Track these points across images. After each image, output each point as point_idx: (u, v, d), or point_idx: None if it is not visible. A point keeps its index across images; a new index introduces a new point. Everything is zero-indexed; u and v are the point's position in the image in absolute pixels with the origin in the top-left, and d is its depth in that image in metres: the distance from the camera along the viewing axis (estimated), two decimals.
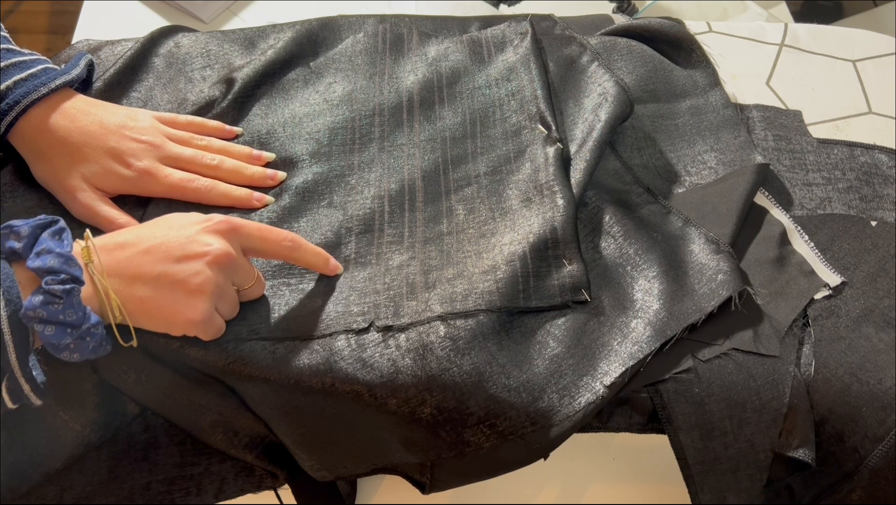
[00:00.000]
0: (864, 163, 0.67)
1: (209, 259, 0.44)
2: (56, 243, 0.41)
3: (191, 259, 0.44)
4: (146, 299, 0.43)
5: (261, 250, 0.48)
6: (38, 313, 0.39)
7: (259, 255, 0.49)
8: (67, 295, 0.39)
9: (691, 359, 0.51)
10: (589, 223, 0.57)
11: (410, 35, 0.67)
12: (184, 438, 0.51)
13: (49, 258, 0.40)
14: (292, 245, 0.48)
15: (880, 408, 0.51)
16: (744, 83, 0.72)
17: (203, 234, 0.45)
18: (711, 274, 0.53)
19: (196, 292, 0.44)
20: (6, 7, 1.59)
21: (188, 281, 0.43)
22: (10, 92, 0.50)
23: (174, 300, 0.43)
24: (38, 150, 0.52)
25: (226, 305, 0.47)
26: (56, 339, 0.40)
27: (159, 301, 0.43)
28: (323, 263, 0.51)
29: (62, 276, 0.40)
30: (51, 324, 0.39)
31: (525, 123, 0.61)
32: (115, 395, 0.50)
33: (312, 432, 0.49)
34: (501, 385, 0.48)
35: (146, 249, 0.43)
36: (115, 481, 0.50)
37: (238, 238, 0.46)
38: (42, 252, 0.40)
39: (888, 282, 0.58)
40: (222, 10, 0.84)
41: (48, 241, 0.41)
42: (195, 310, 0.44)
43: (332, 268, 0.52)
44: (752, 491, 0.51)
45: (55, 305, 0.39)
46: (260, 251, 0.48)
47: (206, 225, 0.45)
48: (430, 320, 0.49)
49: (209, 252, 0.44)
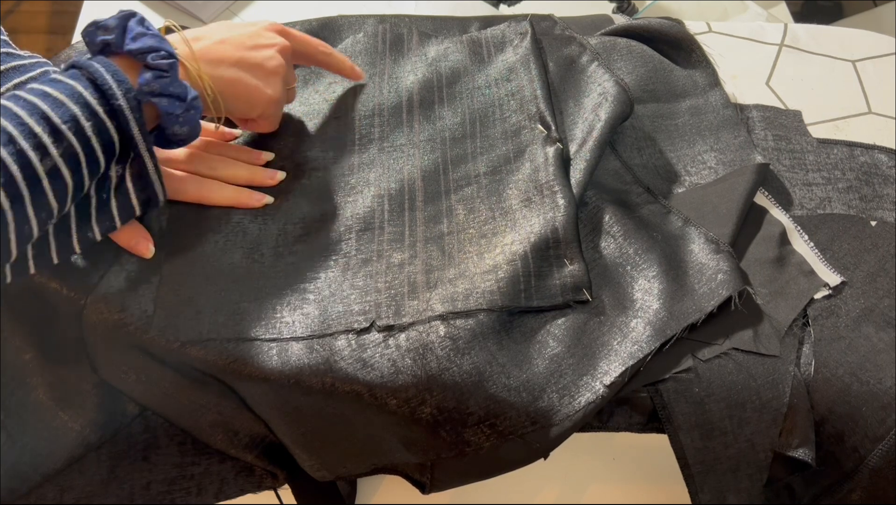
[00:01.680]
0: (864, 163, 0.67)
1: (278, 48, 0.53)
2: (146, 28, 0.45)
3: (262, 48, 0.52)
4: (233, 80, 0.50)
5: (301, 52, 0.57)
6: (153, 87, 0.43)
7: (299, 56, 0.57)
8: (171, 69, 0.44)
9: (691, 358, 0.51)
10: (589, 223, 0.57)
11: (410, 35, 0.67)
12: (184, 438, 0.51)
13: (146, 39, 0.44)
14: (326, 51, 0.58)
15: (880, 407, 0.51)
16: (744, 83, 0.72)
17: (264, 31, 0.53)
18: (711, 274, 0.53)
19: (272, 73, 0.52)
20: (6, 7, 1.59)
21: (265, 64, 0.51)
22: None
23: (256, 80, 0.51)
24: None
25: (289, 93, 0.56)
26: (171, 108, 0.44)
27: (245, 80, 0.50)
28: (349, 69, 0.60)
29: (162, 52, 0.44)
30: (164, 96, 0.44)
31: (525, 123, 0.61)
32: (115, 395, 0.50)
33: (312, 432, 0.49)
34: (501, 385, 0.48)
35: (221, 40, 0.50)
36: (115, 481, 0.50)
37: (287, 37, 0.55)
38: (137, 36, 0.44)
39: (888, 282, 0.58)
40: (222, 10, 0.84)
41: (138, 28, 0.44)
42: (274, 88, 0.52)
43: (358, 73, 0.61)
44: (752, 491, 0.51)
45: (164, 78, 0.44)
46: (301, 52, 0.57)
47: (264, 25, 0.54)
48: (431, 320, 0.49)
49: (277, 43, 0.53)
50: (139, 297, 0.48)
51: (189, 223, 0.53)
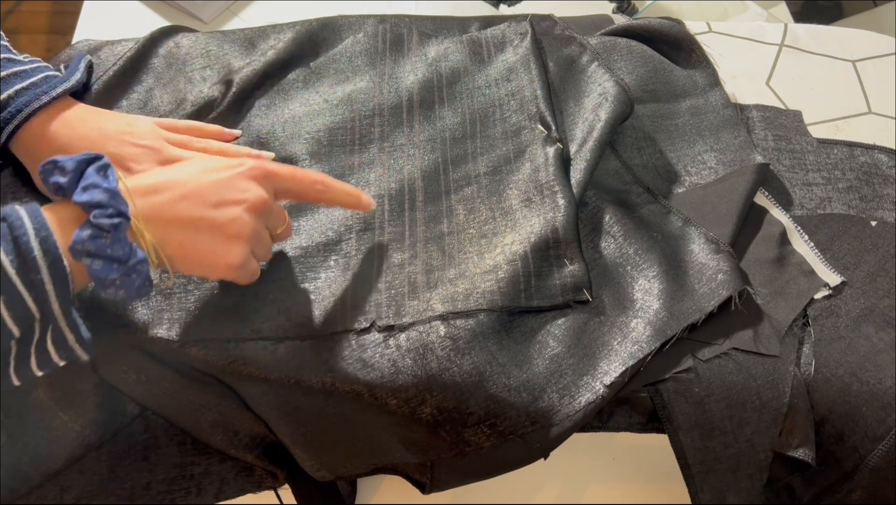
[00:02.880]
0: (864, 163, 0.67)
1: (247, 205, 0.45)
2: (102, 178, 0.41)
3: (228, 205, 0.44)
4: (185, 243, 0.43)
5: (293, 193, 0.49)
6: (87, 247, 0.39)
7: (291, 197, 0.50)
8: (115, 229, 0.40)
9: (691, 358, 0.51)
10: (589, 223, 0.57)
11: (410, 35, 0.67)
12: (184, 438, 0.51)
13: (96, 193, 0.40)
14: (323, 188, 0.49)
15: (880, 407, 0.51)
16: (744, 83, 0.72)
17: (239, 180, 0.45)
18: (711, 274, 0.53)
19: (234, 237, 0.44)
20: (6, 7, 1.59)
21: (227, 226, 0.44)
22: (12, 101, 0.50)
23: (213, 245, 0.44)
24: (38, 159, 0.52)
25: (261, 249, 0.48)
26: (104, 273, 0.40)
27: (198, 246, 0.43)
28: (355, 201, 0.51)
29: (110, 210, 0.40)
30: (98, 258, 0.39)
31: (525, 123, 0.61)
32: (115, 395, 0.50)
33: (312, 432, 0.49)
34: (501, 385, 0.48)
35: (182, 195, 0.43)
36: (115, 481, 0.50)
37: (272, 182, 0.47)
38: (89, 186, 0.40)
39: (888, 282, 0.58)
40: (222, 10, 0.84)
41: (94, 176, 0.41)
42: (234, 255, 0.45)
43: (366, 204, 0.52)
44: (752, 491, 0.51)
45: (103, 238, 0.39)
46: (292, 194, 0.49)
47: (240, 170, 0.46)
48: (431, 320, 0.49)
49: (247, 199, 0.45)
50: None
51: None
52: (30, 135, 0.51)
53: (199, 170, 0.45)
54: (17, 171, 0.55)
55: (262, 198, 0.45)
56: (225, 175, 0.45)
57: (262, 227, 0.47)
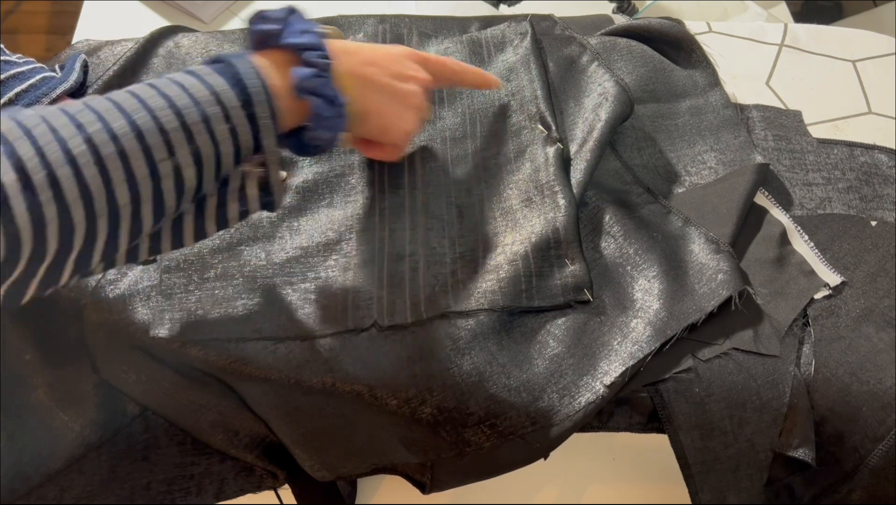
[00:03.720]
0: (864, 163, 0.67)
1: (420, 83, 0.51)
2: (310, 24, 0.44)
3: (408, 79, 0.50)
4: (376, 102, 0.48)
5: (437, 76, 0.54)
6: (309, 84, 0.42)
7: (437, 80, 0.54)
8: (327, 70, 0.43)
9: (691, 358, 0.51)
10: (589, 223, 0.57)
11: (410, 35, 0.67)
12: (184, 438, 0.51)
13: (308, 36, 0.43)
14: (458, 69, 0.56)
15: (880, 407, 0.51)
16: (744, 83, 0.72)
17: (408, 60, 0.51)
18: (711, 274, 0.53)
19: (413, 108, 0.51)
20: (6, 7, 1.59)
21: (407, 97, 0.50)
22: (13, 104, 0.50)
23: (397, 110, 0.50)
24: None
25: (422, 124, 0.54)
26: (321, 110, 0.43)
27: (386, 107, 0.49)
28: (482, 79, 0.58)
29: (322, 52, 0.43)
30: (317, 96, 0.43)
31: (525, 123, 0.61)
32: (115, 395, 0.50)
33: (312, 432, 0.49)
34: (502, 385, 0.48)
35: (370, 60, 0.48)
36: (115, 481, 0.50)
37: (426, 65, 0.53)
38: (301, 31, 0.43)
39: (888, 282, 0.58)
40: (222, 10, 0.84)
41: (301, 24, 0.43)
42: (412, 122, 0.51)
43: (494, 81, 0.59)
44: (752, 491, 0.51)
45: (322, 77, 0.42)
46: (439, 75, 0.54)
47: (404, 51, 0.52)
48: (432, 319, 0.49)
49: (419, 77, 0.51)
50: (140, 297, 0.48)
51: None
52: None
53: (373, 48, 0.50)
54: None
55: (427, 78, 0.52)
56: (395, 52, 0.51)
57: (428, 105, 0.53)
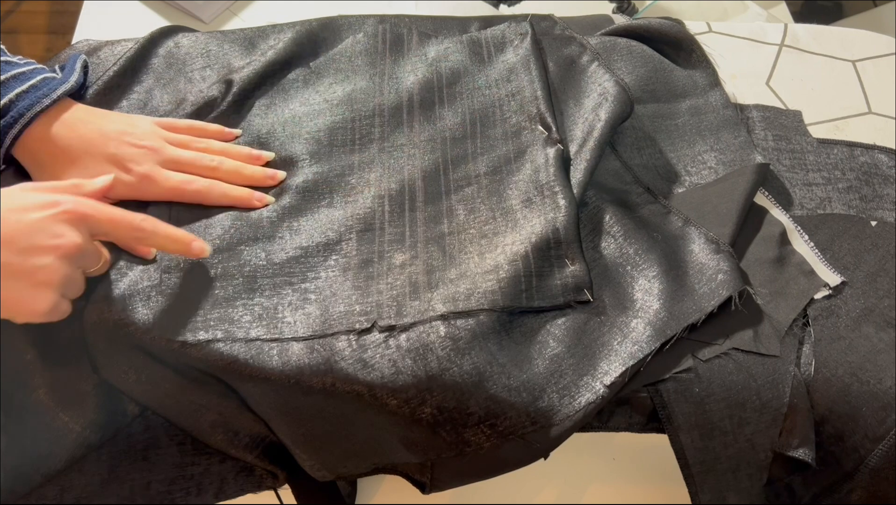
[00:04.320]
0: (864, 163, 0.67)
1: (59, 253, 0.42)
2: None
3: (38, 252, 0.41)
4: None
5: (111, 236, 0.47)
6: None
7: (109, 238, 0.47)
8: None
9: (691, 358, 0.51)
10: (589, 223, 0.57)
11: (410, 35, 0.67)
12: (184, 438, 0.51)
13: None
14: (144, 235, 0.47)
15: (880, 407, 0.51)
16: (744, 83, 0.72)
17: (52, 224, 0.42)
18: (711, 274, 0.53)
19: (43, 285, 0.42)
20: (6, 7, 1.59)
21: (35, 274, 0.41)
22: (13, 105, 0.50)
23: (18, 291, 0.41)
24: (39, 161, 0.52)
25: (73, 291, 0.45)
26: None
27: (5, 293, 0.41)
28: (184, 249, 0.48)
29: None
30: None
31: (525, 124, 0.61)
32: (115, 395, 0.50)
33: (312, 432, 0.49)
34: (502, 385, 0.48)
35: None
36: (115, 481, 0.50)
37: (87, 225, 0.44)
38: None
39: (888, 282, 0.58)
40: (222, 10, 0.84)
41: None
42: (41, 302, 0.42)
43: (197, 251, 0.49)
44: (752, 491, 0.51)
45: None
46: (111, 237, 0.47)
47: (54, 212, 0.43)
48: (432, 320, 0.49)
49: (59, 245, 0.42)
50: (140, 297, 0.48)
51: (189, 223, 0.53)
52: (31, 139, 0.51)
53: (10, 209, 0.42)
54: (17, 171, 0.55)
55: (75, 243, 0.43)
56: (37, 216, 0.42)
57: (74, 271, 0.44)
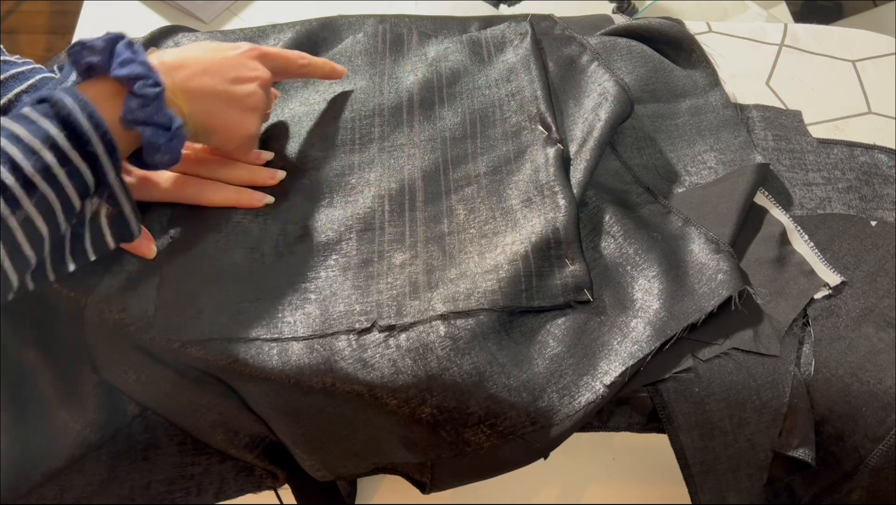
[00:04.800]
0: (864, 163, 0.67)
1: (259, 82, 0.51)
2: (134, 53, 0.43)
3: (246, 81, 0.50)
4: (213, 113, 0.49)
5: (282, 69, 0.55)
6: (137, 115, 0.42)
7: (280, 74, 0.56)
8: (157, 98, 0.43)
9: (691, 358, 0.51)
10: (589, 223, 0.57)
11: (410, 35, 0.67)
12: (184, 438, 0.51)
13: (134, 66, 0.43)
14: (304, 62, 0.57)
15: (880, 407, 0.51)
16: (743, 83, 0.72)
17: (246, 59, 0.51)
18: (711, 273, 0.53)
19: (252, 109, 0.51)
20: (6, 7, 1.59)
21: (246, 99, 0.50)
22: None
23: (235, 115, 0.50)
24: None
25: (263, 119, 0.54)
26: (154, 138, 0.43)
27: (223, 115, 0.49)
28: (330, 70, 0.59)
29: (150, 80, 0.43)
30: (148, 125, 0.43)
31: (525, 124, 0.61)
32: (115, 395, 0.50)
33: (312, 432, 0.49)
34: (501, 385, 0.48)
35: (204, 69, 0.48)
36: (115, 481, 0.50)
37: (267, 61, 0.53)
38: (125, 61, 0.43)
39: (888, 282, 0.58)
40: (222, 10, 0.84)
41: (127, 52, 0.43)
42: (253, 124, 0.51)
43: (340, 71, 0.59)
44: (752, 490, 0.51)
45: (150, 107, 0.43)
46: (281, 70, 0.55)
47: (244, 50, 0.52)
48: (432, 320, 0.49)
49: (259, 76, 0.51)
50: (140, 297, 0.48)
51: (189, 223, 0.53)
52: None
53: (209, 49, 0.50)
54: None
55: (269, 76, 0.52)
56: (233, 55, 0.51)
57: (268, 101, 0.53)
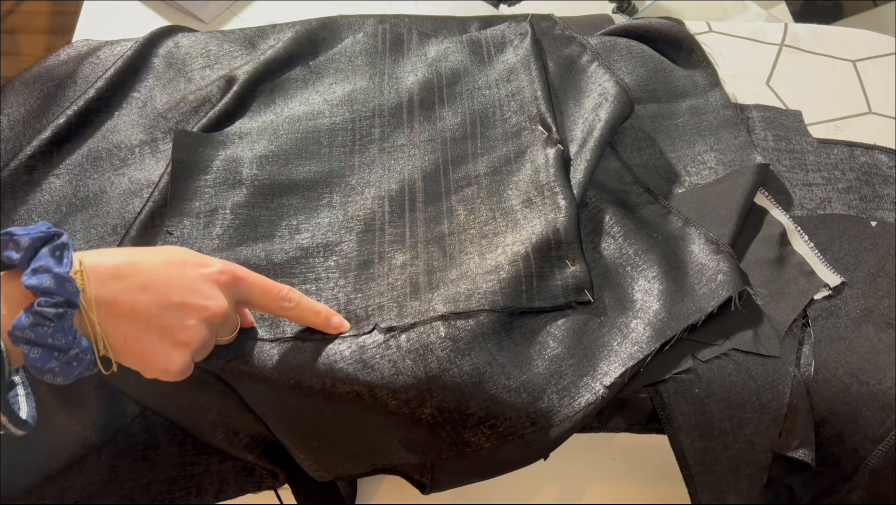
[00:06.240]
0: (864, 163, 0.67)
1: (206, 315, 0.42)
2: (55, 262, 0.38)
3: (187, 309, 0.41)
4: (130, 338, 0.40)
5: (257, 304, 0.46)
6: (26, 334, 0.37)
7: (254, 308, 0.46)
8: (59, 319, 0.37)
9: (691, 359, 0.51)
10: (589, 223, 0.57)
11: (410, 35, 0.67)
12: (184, 438, 0.51)
13: (45, 278, 0.37)
14: (291, 305, 0.46)
15: (880, 408, 0.51)
16: (744, 83, 0.72)
17: (206, 283, 0.42)
18: (711, 274, 0.53)
19: (182, 345, 0.41)
20: (6, 7, 1.59)
21: (178, 332, 0.41)
22: None
23: (157, 347, 0.41)
24: None
25: (201, 355, 0.44)
26: (41, 362, 0.37)
27: (142, 344, 0.41)
28: (324, 323, 0.48)
29: (56, 298, 0.37)
30: (37, 346, 0.37)
31: (525, 124, 0.61)
32: (115, 395, 0.50)
33: (312, 432, 0.49)
34: (501, 385, 0.48)
35: (143, 285, 0.40)
36: (115, 481, 0.50)
37: (237, 291, 0.44)
38: (39, 270, 0.37)
39: (888, 282, 0.58)
40: (222, 10, 0.84)
41: (47, 259, 0.38)
42: (175, 362, 0.41)
43: (336, 326, 0.48)
44: (752, 491, 0.51)
45: (45, 327, 0.37)
46: (256, 305, 0.46)
47: (209, 272, 0.43)
48: (433, 320, 0.49)
49: (208, 307, 0.42)
50: None
51: (189, 222, 0.53)
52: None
53: (167, 261, 0.42)
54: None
55: (223, 308, 0.43)
56: (192, 274, 0.42)
57: (212, 337, 0.43)
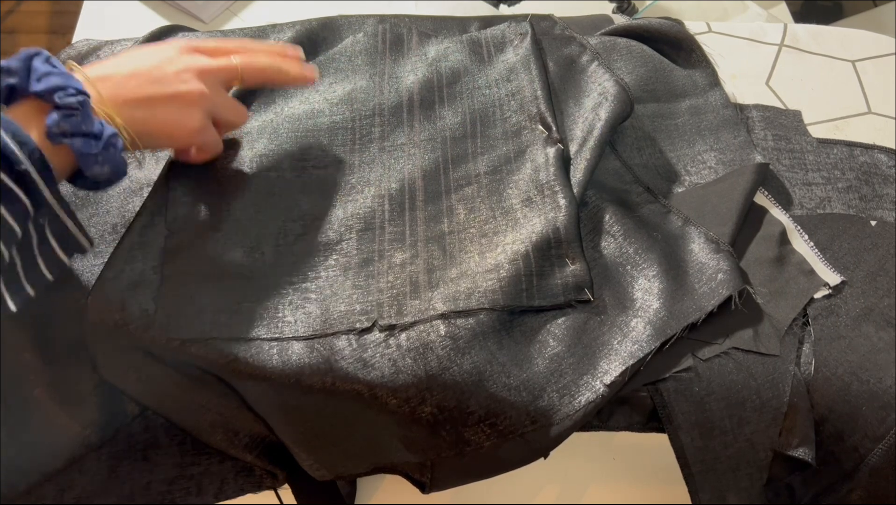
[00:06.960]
0: (864, 163, 0.67)
1: (195, 72, 0.47)
2: (52, 66, 0.42)
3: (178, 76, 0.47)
4: (147, 118, 0.45)
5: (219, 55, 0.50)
6: (62, 127, 0.40)
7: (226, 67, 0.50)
8: (82, 106, 0.41)
9: (691, 358, 0.51)
10: (589, 223, 0.57)
11: (410, 35, 0.67)
12: (184, 438, 0.51)
13: (52, 78, 0.41)
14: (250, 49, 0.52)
15: (880, 407, 0.51)
16: (743, 83, 0.72)
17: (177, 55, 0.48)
18: (711, 273, 0.53)
19: (191, 103, 0.47)
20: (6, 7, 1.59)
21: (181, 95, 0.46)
22: None
23: (171, 114, 0.46)
24: None
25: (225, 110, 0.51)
26: (86, 148, 0.41)
27: (160, 117, 0.46)
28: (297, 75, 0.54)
29: (70, 90, 0.41)
30: (76, 136, 0.41)
31: (525, 124, 0.61)
32: (115, 395, 0.49)
33: (312, 432, 0.49)
34: (502, 384, 0.48)
35: (130, 73, 0.45)
36: (115, 481, 0.50)
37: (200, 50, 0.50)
38: (42, 75, 0.41)
39: (888, 281, 0.58)
40: (222, 10, 0.84)
41: (44, 67, 0.42)
42: (193, 118, 0.47)
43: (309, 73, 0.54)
44: (751, 490, 0.51)
45: (74, 116, 0.41)
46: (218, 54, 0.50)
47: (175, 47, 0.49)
48: (433, 319, 0.49)
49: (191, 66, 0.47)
50: (140, 296, 0.48)
51: (189, 221, 0.53)
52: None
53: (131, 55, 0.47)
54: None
55: (204, 66, 0.48)
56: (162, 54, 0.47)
57: (215, 91, 0.49)
